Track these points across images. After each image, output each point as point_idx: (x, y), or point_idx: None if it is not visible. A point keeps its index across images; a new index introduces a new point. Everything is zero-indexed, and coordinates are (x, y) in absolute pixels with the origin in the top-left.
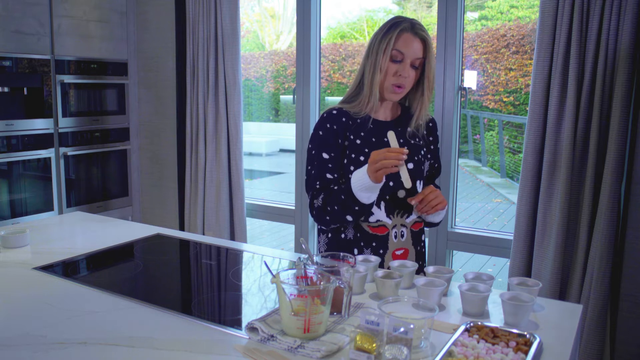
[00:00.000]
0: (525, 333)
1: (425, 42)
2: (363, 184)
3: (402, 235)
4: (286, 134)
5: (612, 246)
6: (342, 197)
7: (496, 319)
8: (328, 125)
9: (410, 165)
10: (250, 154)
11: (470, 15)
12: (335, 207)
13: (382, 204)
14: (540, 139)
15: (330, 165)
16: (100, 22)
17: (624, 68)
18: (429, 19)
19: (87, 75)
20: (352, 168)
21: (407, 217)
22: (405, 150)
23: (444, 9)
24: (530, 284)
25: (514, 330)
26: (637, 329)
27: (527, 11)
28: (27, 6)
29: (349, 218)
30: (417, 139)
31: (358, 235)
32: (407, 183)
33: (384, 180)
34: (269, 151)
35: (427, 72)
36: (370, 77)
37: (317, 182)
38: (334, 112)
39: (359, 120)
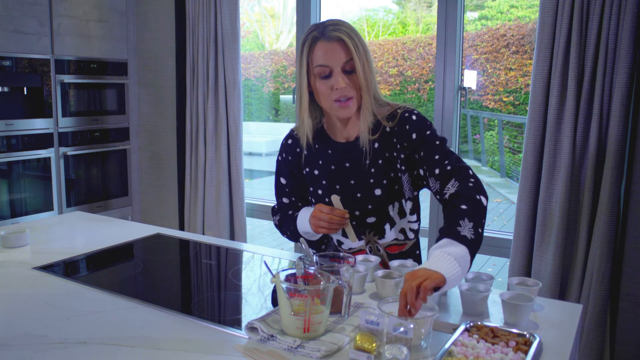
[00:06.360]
0: (525, 333)
1: (343, 41)
2: (306, 229)
3: (379, 250)
4: (286, 133)
5: (612, 246)
6: (292, 227)
7: (496, 319)
8: (284, 155)
9: (382, 188)
10: (250, 154)
11: (470, 15)
12: (288, 233)
13: (351, 230)
14: (540, 139)
15: (286, 190)
16: (100, 22)
17: (624, 68)
18: (429, 19)
19: (87, 75)
20: (313, 200)
21: (379, 238)
22: (347, 214)
23: (444, 9)
24: (530, 284)
25: (514, 330)
26: (637, 329)
27: (527, 11)
28: (27, 6)
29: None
30: (390, 152)
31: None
32: (353, 239)
33: None
34: (268, 151)
35: (357, 71)
36: (300, 104)
37: (276, 201)
38: (289, 141)
39: (317, 146)
